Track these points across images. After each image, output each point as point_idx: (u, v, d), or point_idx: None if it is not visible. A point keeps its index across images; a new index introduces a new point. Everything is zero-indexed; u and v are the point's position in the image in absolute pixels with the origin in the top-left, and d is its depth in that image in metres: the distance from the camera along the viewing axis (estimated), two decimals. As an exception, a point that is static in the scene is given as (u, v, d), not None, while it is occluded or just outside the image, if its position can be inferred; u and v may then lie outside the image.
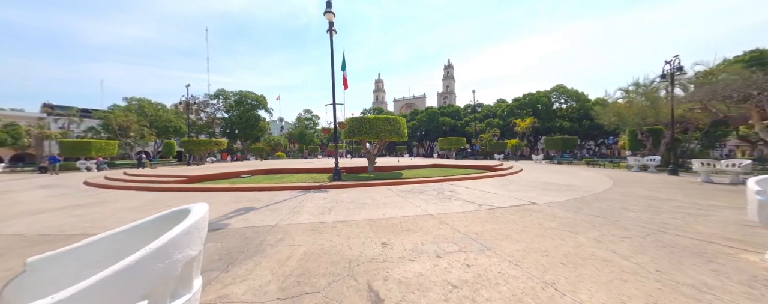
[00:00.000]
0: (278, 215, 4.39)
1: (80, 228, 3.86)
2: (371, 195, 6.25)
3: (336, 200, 5.65)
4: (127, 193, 7.11)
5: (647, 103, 14.25)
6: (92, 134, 31.03)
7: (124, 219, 4.29)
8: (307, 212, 4.59)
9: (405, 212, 4.42)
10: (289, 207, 5.05)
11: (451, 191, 6.80)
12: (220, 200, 5.91)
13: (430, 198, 5.75)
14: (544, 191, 6.66)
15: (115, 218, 4.36)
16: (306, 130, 60.93)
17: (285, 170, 12.00)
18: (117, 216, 4.51)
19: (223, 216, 4.40)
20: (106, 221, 4.21)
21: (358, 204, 5.21)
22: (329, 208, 4.91)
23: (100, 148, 19.95)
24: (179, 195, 6.61)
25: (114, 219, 4.29)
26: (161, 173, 10.40)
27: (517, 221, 3.84)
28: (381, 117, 9.81)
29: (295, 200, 5.83)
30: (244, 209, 4.91)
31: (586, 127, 37.90)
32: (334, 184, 7.72)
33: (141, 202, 5.79)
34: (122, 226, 1.47)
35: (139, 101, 33.56)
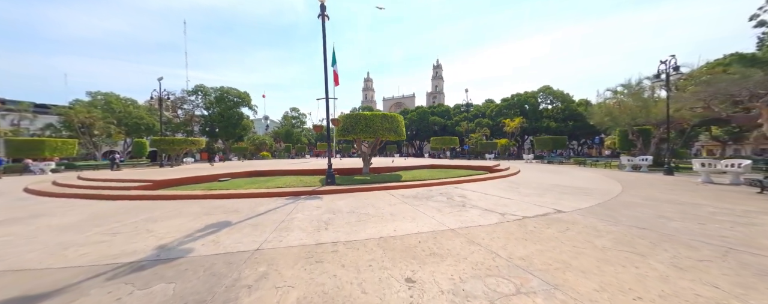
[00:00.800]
0: (261, 234, 3.46)
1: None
2: (372, 202, 5.42)
3: (332, 210, 4.77)
4: (73, 203, 5.85)
5: (639, 104, 14.39)
6: (52, 132, 27.90)
7: (45, 245, 3.19)
8: (299, 228, 3.70)
9: (420, 226, 3.64)
10: (275, 221, 4.12)
11: (461, 196, 6.10)
12: (189, 212, 4.87)
13: (441, 206, 5.01)
14: (560, 195, 6.12)
15: (33, 244, 3.24)
16: (293, 129, 58.81)
17: (270, 172, 10.88)
18: (39, 239, 3.39)
19: (187, 236, 3.42)
20: (17, 248, 3.09)
21: (360, 215, 4.37)
22: (326, 221, 4.04)
23: (56, 148, 17.66)
24: (138, 205, 5.46)
25: (29, 246, 3.17)
26: (124, 176, 9.01)
27: (559, 238, 3.17)
28: (378, 114, 9.00)
29: (282, 210, 4.89)
30: (217, 225, 3.93)
31: (570, 127, 38.98)
32: (328, 188, 6.81)
33: (82, 216, 4.63)
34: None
35: (105, 96, 30.60)
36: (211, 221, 4.19)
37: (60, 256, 2.81)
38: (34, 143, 17.12)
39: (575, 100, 41.36)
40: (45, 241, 3.31)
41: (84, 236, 3.52)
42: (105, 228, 3.85)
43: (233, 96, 43.19)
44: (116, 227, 3.90)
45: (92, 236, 3.52)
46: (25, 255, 2.86)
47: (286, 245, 3.06)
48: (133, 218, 4.40)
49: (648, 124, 15.35)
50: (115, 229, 3.81)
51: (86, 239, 3.35)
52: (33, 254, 2.87)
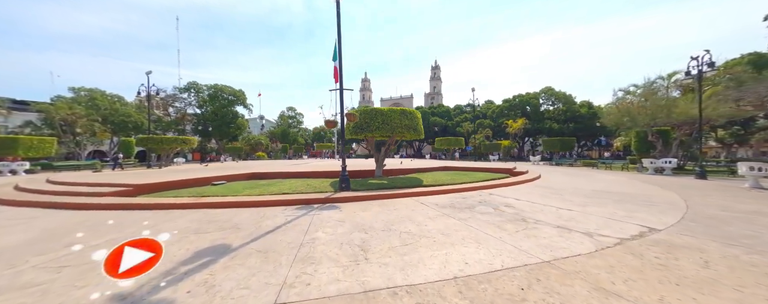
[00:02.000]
0: (275, 269, 2.40)
1: None
2: (407, 215, 4.38)
3: (361, 226, 3.72)
4: (30, 213, 4.65)
5: (662, 103, 13.73)
6: (31, 130, 26.03)
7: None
8: (327, 258, 2.64)
9: (496, 256, 2.61)
10: (290, 244, 3.05)
11: (506, 205, 5.11)
12: (175, 227, 3.76)
13: (495, 219, 4.01)
14: (620, 204, 5.19)
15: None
16: (289, 129, 57.34)
17: (271, 175, 9.74)
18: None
19: (165, 273, 2.33)
20: None
21: (402, 235, 3.33)
22: (360, 245, 2.98)
23: (31, 147, 16.09)
24: (109, 217, 4.31)
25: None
26: (101, 180, 7.77)
27: (715, 278, 2.18)
28: (396, 109, 7.97)
29: (296, 226, 3.82)
30: (211, 251, 2.85)
31: (571, 129, 38.60)
32: (345, 195, 5.75)
33: (30, 235, 3.48)
34: None
35: (90, 92, 28.81)
36: (203, 243, 3.10)
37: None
38: (6, 141, 15.55)
39: (577, 101, 41.06)
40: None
41: (12, 271, 2.40)
42: (50, 257, 2.73)
43: (227, 94, 41.64)
44: (66, 254, 2.78)
45: (25, 271, 2.40)
46: None
47: (319, 293, 1.99)
48: (95, 239, 3.28)
49: (667, 125, 14.71)
50: (63, 258, 2.69)
51: (10, 281, 2.23)
52: None
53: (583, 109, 39.38)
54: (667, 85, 17.37)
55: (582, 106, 40.20)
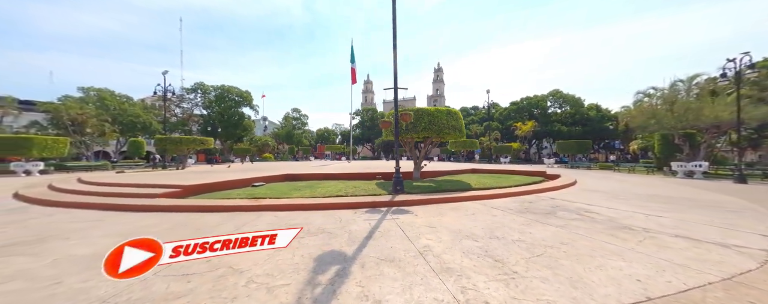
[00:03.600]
0: (427, 281, 2.16)
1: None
2: (493, 220, 4.16)
3: (459, 232, 3.49)
4: (87, 216, 4.38)
5: (693, 105, 13.63)
6: (37, 130, 25.62)
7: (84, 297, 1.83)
8: (470, 270, 2.40)
9: (670, 274, 2.29)
10: (407, 252, 2.81)
11: (585, 210, 4.89)
12: (258, 230, 3.51)
13: (598, 228, 3.79)
14: (699, 210, 5.00)
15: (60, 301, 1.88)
16: (294, 131, 57.03)
17: (304, 176, 9.50)
18: (68, 288, 2.02)
19: (308, 281, 2.09)
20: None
21: (518, 243, 3.10)
22: (486, 254, 2.74)
23: (46, 147, 15.73)
24: (180, 219, 4.05)
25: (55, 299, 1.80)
26: (139, 180, 7.49)
27: None
28: (442, 110, 7.80)
29: (387, 231, 3.58)
30: (330, 258, 2.61)
31: (580, 132, 38.54)
32: (407, 198, 5.52)
33: (111, 240, 3.22)
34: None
35: (99, 92, 28.47)
36: (310, 249, 2.87)
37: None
38: (20, 141, 15.21)
39: (585, 104, 41.09)
40: (78, 291, 1.92)
41: (141, 280, 2.15)
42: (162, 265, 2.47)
43: (234, 95, 41.38)
44: (179, 260, 2.52)
45: (152, 280, 2.16)
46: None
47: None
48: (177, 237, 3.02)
49: (693, 128, 14.60)
50: (182, 266, 2.44)
51: (146, 289, 1.99)
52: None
53: (592, 111, 39.40)
54: (687, 87, 17.31)
55: (590, 108, 40.23)
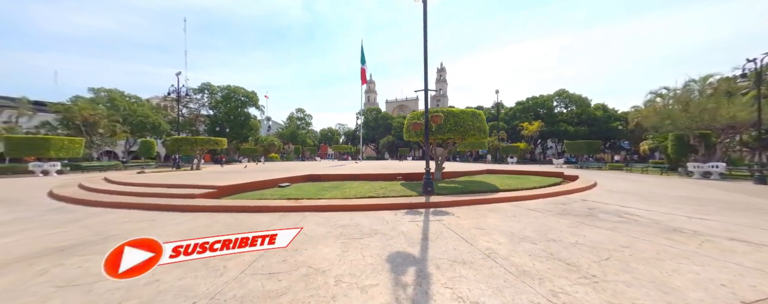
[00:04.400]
0: (526, 288, 2.20)
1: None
2: (537, 222, 4.19)
3: (512, 235, 3.52)
4: (136, 215, 4.45)
5: (710, 105, 13.57)
6: (47, 131, 25.87)
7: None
8: (551, 273, 2.44)
9: (751, 279, 2.34)
10: (471, 253, 2.85)
11: (623, 212, 4.91)
12: (313, 231, 3.57)
13: (649, 230, 3.81)
14: (736, 213, 5.00)
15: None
16: (298, 131, 57.19)
17: (324, 177, 9.56)
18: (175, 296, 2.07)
19: (398, 281, 2.13)
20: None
21: (579, 247, 3.13)
22: (553, 257, 2.78)
23: (62, 147, 15.90)
24: (227, 220, 4.11)
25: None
26: (168, 181, 7.57)
27: None
28: (468, 111, 7.83)
29: (439, 233, 3.62)
30: (400, 260, 2.65)
31: (586, 132, 38.40)
32: (442, 199, 5.56)
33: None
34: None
35: (109, 93, 28.71)
36: (373, 251, 2.90)
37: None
38: (38, 142, 15.40)
39: (591, 104, 40.92)
40: (181, 287, 1.97)
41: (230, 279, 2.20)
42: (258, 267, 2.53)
43: (241, 95, 41.59)
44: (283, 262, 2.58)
45: (245, 279, 2.21)
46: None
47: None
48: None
49: (709, 129, 14.53)
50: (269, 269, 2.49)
51: (243, 287, 2.03)
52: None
53: (599, 112, 39.23)
54: (701, 87, 17.22)
55: (597, 108, 40.05)
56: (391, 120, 56.23)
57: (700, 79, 17.38)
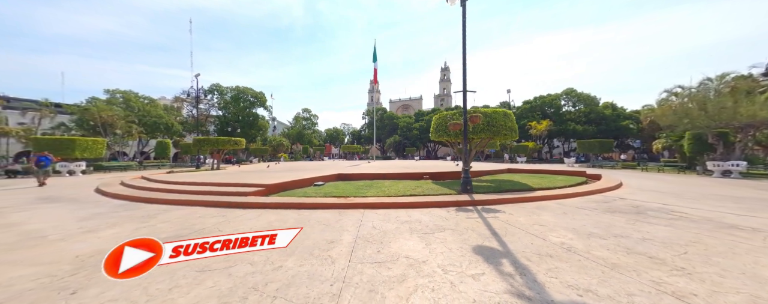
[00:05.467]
0: (630, 288, 2.36)
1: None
2: (590, 219, 4.34)
3: (578, 231, 3.67)
4: (204, 211, 4.66)
5: (730, 103, 13.57)
6: (63, 131, 26.37)
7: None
8: (647, 269, 2.59)
9: None
10: (559, 247, 3.01)
11: (671, 210, 5.04)
12: (381, 227, 3.73)
13: (721, 230, 3.91)
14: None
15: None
16: (304, 131, 57.56)
17: (353, 176, 9.76)
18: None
19: (511, 271, 2.29)
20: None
21: (653, 243, 3.28)
22: (633, 252, 2.93)
23: (86, 148, 16.26)
24: (293, 216, 4.30)
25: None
26: (209, 179, 7.80)
27: None
28: (499, 111, 7.97)
29: (506, 229, 3.78)
30: (488, 255, 2.81)
31: (594, 131, 38.26)
32: (485, 198, 5.72)
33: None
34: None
35: (124, 94, 29.17)
36: (455, 245, 3.07)
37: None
38: (65, 142, 15.78)
39: (600, 103, 40.75)
40: (308, 273, 2.15)
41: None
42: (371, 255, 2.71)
43: (249, 96, 42.01)
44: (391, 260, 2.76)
45: (361, 267, 2.38)
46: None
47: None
48: (370, 245, 3.26)
49: (728, 127, 14.52)
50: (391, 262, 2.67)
51: (362, 273, 2.21)
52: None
53: (607, 110, 39.07)
54: (716, 86, 17.17)
55: (605, 107, 39.87)
56: (397, 120, 56.38)
57: (716, 78, 17.34)
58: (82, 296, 2.01)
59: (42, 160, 9.81)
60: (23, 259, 2.70)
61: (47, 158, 10.02)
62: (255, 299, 2.00)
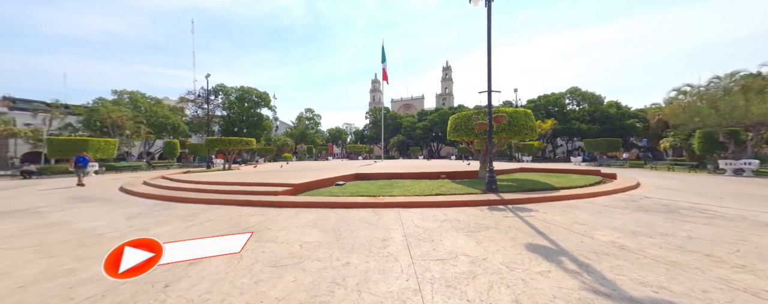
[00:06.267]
0: (705, 286, 2.42)
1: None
2: (638, 219, 4.40)
3: (622, 229, 3.73)
4: (242, 210, 4.73)
5: (741, 102, 13.57)
6: (70, 132, 26.52)
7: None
8: (709, 266, 2.65)
9: None
10: (606, 246, 3.07)
11: (703, 209, 5.08)
12: (423, 225, 3.79)
13: (761, 228, 4.00)
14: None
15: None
16: (307, 131, 57.63)
17: (370, 175, 9.83)
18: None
19: (579, 266, 2.35)
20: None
21: (701, 241, 3.33)
22: (687, 250, 2.99)
23: (99, 148, 16.37)
24: (332, 215, 4.37)
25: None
26: (231, 179, 7.87)
27: None
28: (520, 111, 8.02)
29: (549, 227, 3.83)
30: (542, 254, 2.87)
31: (598, 130, 38.24)
32: (515, 197, 5.77)
33: (313, 230, 3.53)
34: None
35: (131, 95, 29.30)
36: (506, 243, 3.12)
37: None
38: (79, 143, 15.90)
39: (604, 102, 40.73)
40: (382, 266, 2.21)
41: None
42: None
43: (254, 96, 42.11)
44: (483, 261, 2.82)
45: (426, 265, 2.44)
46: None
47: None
48: (423, 244, 3.32)
49: (738, 126, 14.54)
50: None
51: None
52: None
53: (612, 109, 39.04)
54: (725, 84, 17.16)
55: (610, 106, 39.84)
56: (401, 119, 56.42)
57: (725, 76, 17.34)
58: (176, 289, 2.08)
59: (80, 160, 10.28)
60: (95, 255, 2.77)
61: (85, 159, 10.57)
62: (342, 293, 2.07)
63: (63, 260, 2.66)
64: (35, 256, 2.77)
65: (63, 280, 2.25)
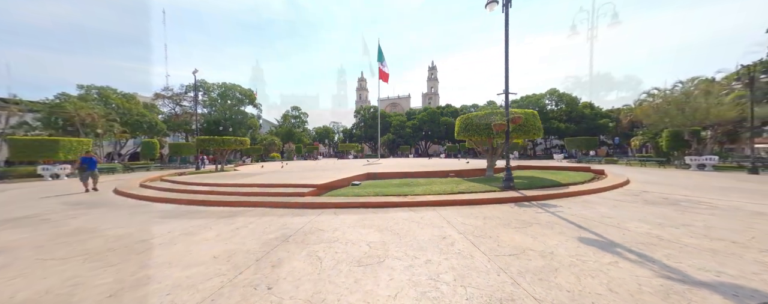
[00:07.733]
0: (753, 269, 2.75)
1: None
2: (652, 211, 4.84)
3: (650, 222, 4.11)
4: (267, 213, 4.59)
5: (703, 105, 15.22)
6: (25, 131, 23.73)
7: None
8: (742, 251, 3.02)
9: None
10: (644, 237, 3.38)
11: (705, 202, 5.70)
12: (470, 223, 3.94)
13: (759, 217, 4.56)
14: (783, 196, 5.95)
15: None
16: (294, 129, 56.07)
17: (382, 175, 9.86)
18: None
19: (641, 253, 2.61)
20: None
21: (730, 232, 3.76)
22: (737, 245, 3.38)
23: (71, 149, 14.83)
24: (371, 216, 4.38)
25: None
26: (248, 181, 7.54)
27: None
28: (529, 112, 8.43)
29: (587, 221, 4.14)
30: (602, 247, 3.12)
31: (574, 129, 41.01)
32: (535, 194, 6.11)
33: (375, 234, 3.54)
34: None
35: (101, 90, 26.78)
36: (559, 239, 3.35)
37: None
38: (46, 143, 14.32)
39: (579, 102, 43.67)
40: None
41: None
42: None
43: (238, 93, 40.27)
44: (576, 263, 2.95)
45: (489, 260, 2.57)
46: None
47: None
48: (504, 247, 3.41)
49: (699, 126, 16.33)
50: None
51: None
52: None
53: (586, 110, 41.94)
54: (687, 89, 19.14)
55: (585, 106, 42.77)
56: (390, 118, 56.58)
57: (687, 81, 19.34)
58: (280, 291, 2.05)
59: (86, 161, 8.59)
60: (163, 262, 2.61)
61: (93, 160, 8.81)
62: (446, 289, 2.14)
63: (129, 268, 2.47)
64: (92, 265, 2.55)
65: (155, 286, 2.11)
